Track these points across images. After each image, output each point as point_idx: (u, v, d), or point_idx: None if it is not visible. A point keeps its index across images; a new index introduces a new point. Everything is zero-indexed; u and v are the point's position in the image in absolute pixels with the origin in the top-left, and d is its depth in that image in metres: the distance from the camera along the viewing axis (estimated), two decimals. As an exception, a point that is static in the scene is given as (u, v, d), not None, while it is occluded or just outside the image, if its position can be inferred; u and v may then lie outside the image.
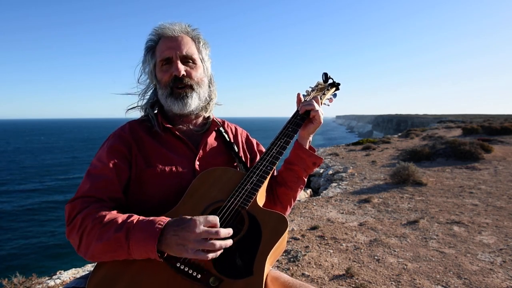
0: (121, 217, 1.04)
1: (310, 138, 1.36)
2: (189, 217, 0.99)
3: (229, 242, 0.99)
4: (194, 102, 1.29)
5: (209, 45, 1.38)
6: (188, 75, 1.27)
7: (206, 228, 0.96)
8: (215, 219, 0.99)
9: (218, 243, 0.96)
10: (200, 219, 0.97)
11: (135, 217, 1.03)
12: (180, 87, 1.27)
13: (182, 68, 1.26)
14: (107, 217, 1.03)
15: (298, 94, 1.37)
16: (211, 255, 0.96)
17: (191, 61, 1.29)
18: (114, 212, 1.07)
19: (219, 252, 0.98)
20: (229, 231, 1.00)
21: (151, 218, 1.02)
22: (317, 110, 1.27)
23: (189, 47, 1.29)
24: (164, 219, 1.01)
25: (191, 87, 1.28)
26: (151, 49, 1.30)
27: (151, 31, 1.32)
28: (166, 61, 1.27)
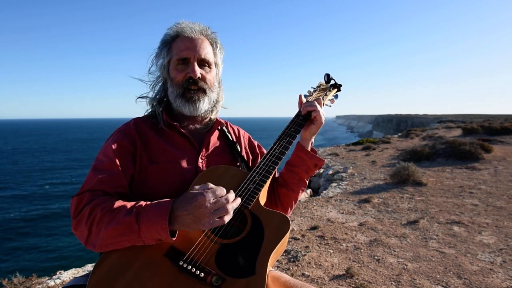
0: (129, 203, 1.05)
1: (312, 140, 1.36)
2: (196, 191, 0.99)
3: (238, 200, 1.03)
4: (204, 106, 1.31)
5: (224, 49, 1.39)
6: (203, 78, 1.28)
7: (215, 200, 0.97)
8: (222, 190, 1.00)
9: (230, 206, 0.98)
10: (209, 194, 0.98)
11: (144, 202, 1.05)
12: (193, 89, 1.27)
13: (198, 70, 1.26)
14: (116, 204, 1.04)
15: (300, 96, 1.37)
16: (226, 218, 0.98)
17: (207, 65, 1.30)
18: (122, 201, 1.08)
19: (231, 212, 1.00)
20: (233, 194, 1.03)
21: (160, 200, 1.03)
22: (319, 111, 1.27)
23: (207, 51, 1.29)
24: (171, 199, 1.02)
25: (204, 91, 1.29)
26: (167, 44, 1.30)
27: (170, 26, 1.32)
28: (182, 61, 1.27)
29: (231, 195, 1.01)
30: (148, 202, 1.04)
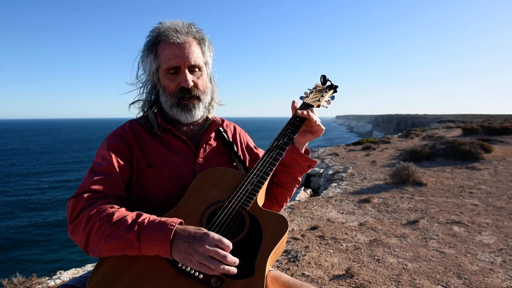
0: (130, 216, 1.02)
1: (306, 143, 1.37)
2: (205, 230, 0.99)
3: (233, 270, 0.96)
4: (200, 113, 1.30)
5: (212, 44, 1.34)
6: (195, 85, 1.26)
7: (216, 249, 0.95)
8: (229, 243, 0.98)
9: (222, 266, 0.94)
10: (215, 236, 0.97)
11: (145, 217, 1.02)
12: (187, 97, 1.26)
13: (190, 79, 1.23)
14: (116, 215, 1.02)
15: (293, 102, 1.35)
16: (212, 273, 0.95)
17: (197, 69, 1.26)
18: (122, 209, 1.06)
19: (219, 273, 0.96)
20: (235, 260, 0.97)
21: (163, 219, 1.01)
22: (319, 126, 1.28)
23: (196, 55, 1.24)
24: (175, 221, 1.00)
25: (198, 98, 1.28)
26: (152, 48, 1.25)
27: (153, 28, 1.26)
28: (173, 70, 1.23)
29: (233, 258, 0.96)
30: (151, 219, 1.01)
